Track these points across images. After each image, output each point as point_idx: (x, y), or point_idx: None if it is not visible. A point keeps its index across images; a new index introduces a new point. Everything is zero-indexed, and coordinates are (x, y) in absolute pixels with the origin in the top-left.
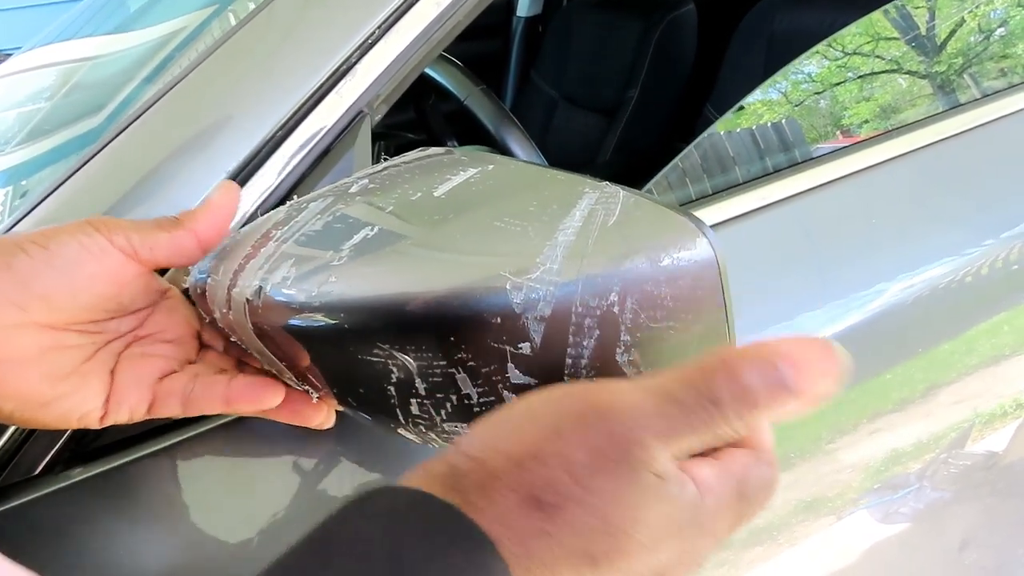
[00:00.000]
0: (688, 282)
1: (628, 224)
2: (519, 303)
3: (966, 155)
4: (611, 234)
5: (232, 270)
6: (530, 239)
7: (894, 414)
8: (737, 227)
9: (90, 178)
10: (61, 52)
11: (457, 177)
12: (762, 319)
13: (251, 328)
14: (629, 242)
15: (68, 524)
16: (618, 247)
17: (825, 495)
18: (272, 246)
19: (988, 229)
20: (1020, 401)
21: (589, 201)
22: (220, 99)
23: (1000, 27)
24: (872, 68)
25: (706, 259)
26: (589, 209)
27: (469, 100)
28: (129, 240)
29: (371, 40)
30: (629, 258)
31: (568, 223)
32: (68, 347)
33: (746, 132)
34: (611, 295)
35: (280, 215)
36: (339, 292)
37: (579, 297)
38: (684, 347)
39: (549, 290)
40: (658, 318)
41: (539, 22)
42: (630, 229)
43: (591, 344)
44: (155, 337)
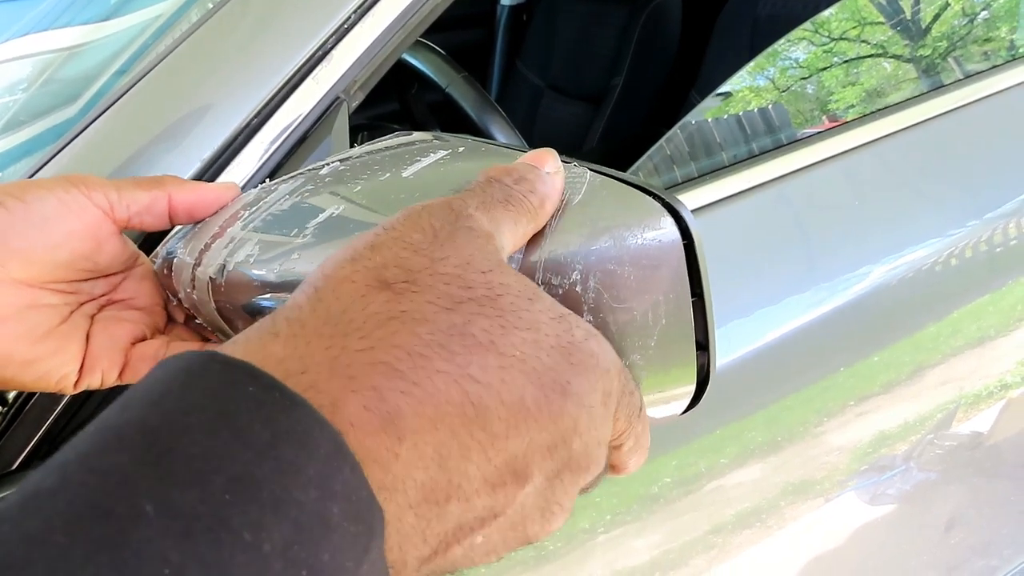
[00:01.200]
0: (652, 262)
1: (592, 204)
2: None
3: (950, 136)
4: (575, 213)
5: (198, 249)
6: None
7: (881, 396)
8: (723, 209)
9: (62, 169)
10: (37, 43)
11: (427, 159)
12: (749, 302)
13: (214, 307)
14: (593, 222)
15: None
16: (581, 227)
17: (813, 477)
18: (239, 225)
19: (972, 210)
20: (1005, 382)
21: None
22: (195, 87)
23: (983, 10)
24: (858, 53)
25: (671, 240)
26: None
27: (451, 88)
28: (107, 197)
29: (347, 25)
30: (592, 237)
31: None
32: (45, 306)
33: (732, 117)
34: (573, 274)
35: (250, 197)
36: (302, 271)
37: (541, 275)
38: (648, 328)
39: (511, 268)
40: (621, 298)
41: (523, 11)
42: (594, 209)
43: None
44: (127, 303)
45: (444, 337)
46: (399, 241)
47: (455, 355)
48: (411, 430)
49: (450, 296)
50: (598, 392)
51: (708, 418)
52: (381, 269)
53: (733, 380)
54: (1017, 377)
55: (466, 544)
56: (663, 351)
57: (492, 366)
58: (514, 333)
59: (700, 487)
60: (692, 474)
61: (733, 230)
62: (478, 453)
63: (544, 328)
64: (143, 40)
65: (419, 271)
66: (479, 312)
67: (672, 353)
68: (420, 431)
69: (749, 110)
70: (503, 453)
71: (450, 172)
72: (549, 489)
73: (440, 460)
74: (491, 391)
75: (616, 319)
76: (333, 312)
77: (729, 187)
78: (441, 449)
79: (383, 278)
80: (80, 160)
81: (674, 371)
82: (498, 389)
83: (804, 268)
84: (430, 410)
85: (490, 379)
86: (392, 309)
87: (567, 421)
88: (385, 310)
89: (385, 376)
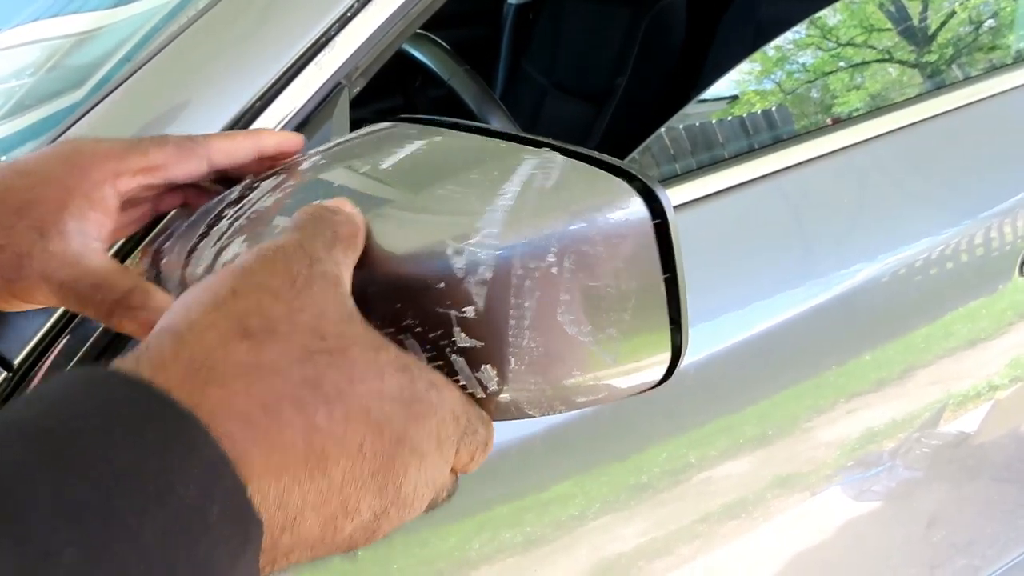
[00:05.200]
0: (623, 241)
1: (565, 187)
2: (461, 268)
3: (946, 137)
4: (548, 197)
5: (186, 250)
6: (471, 205)
7: (871, 394)
8: (719, 202)
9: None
10: (46, 29)
11: (403, 150)
12: (743, 295)
13: None
14: (566, 204)
15: None
16: (555, 210)
17: (800, 471)
18: (225, 223)
19: (966, 211)
20: (993, 383)
21: (529, 166)
22: (202, 68)
23: (990, 19)
24: (863, 58)
25: (639, 218)
26: (529, 174)
27: (453, 80)
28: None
29: (350, 13)
30: (565, 220)
31: (508, 188)
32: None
33: (736, 119)
34: (548, 256)
35: (234, 194)
36: None
37: (518, 259)
38: (621, 302)
39: (490, 253)
40: (596, 275)
41: (530, 9)
42: (567, 191)
43: (532, 305)
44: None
45: (297, 389)
46: (260, 288)
47: (305, 406)
48: (257, 475)
49: (305, 347)
50: (434, 439)
51: (700, 411)
52: (244, 317)
53: (725, 373)
54: (1005, 379)
55: (295, 560)
56: (637, 323)
57: (338, 417)
58: (360, 385)
59: (689, 478)
60: (681, 465)
61: (730, 222)
62: (315, 495)
63: (388, 380)
64: (151, 25)
65: (278, 320)
66: (330, 364)
67: (645, 325)
68: (265, 476)
69: (753, 112)
70: (338, 496)
71: (428, 163)
72: (375, 522)
73: (280, 502)
74: (333, 440)
75: (591, 295)
76: (196, 359)
77: (726, 180)
78: (283, 494)
79: (246, 326)
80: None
81: (648, 342)
82: (340, 438)
83: (799, 263)
84: (277, 458)
85: (334, 429)
86: (252, 360)
87: (399, 467)
88: (245, 360)
89: (239, 425)
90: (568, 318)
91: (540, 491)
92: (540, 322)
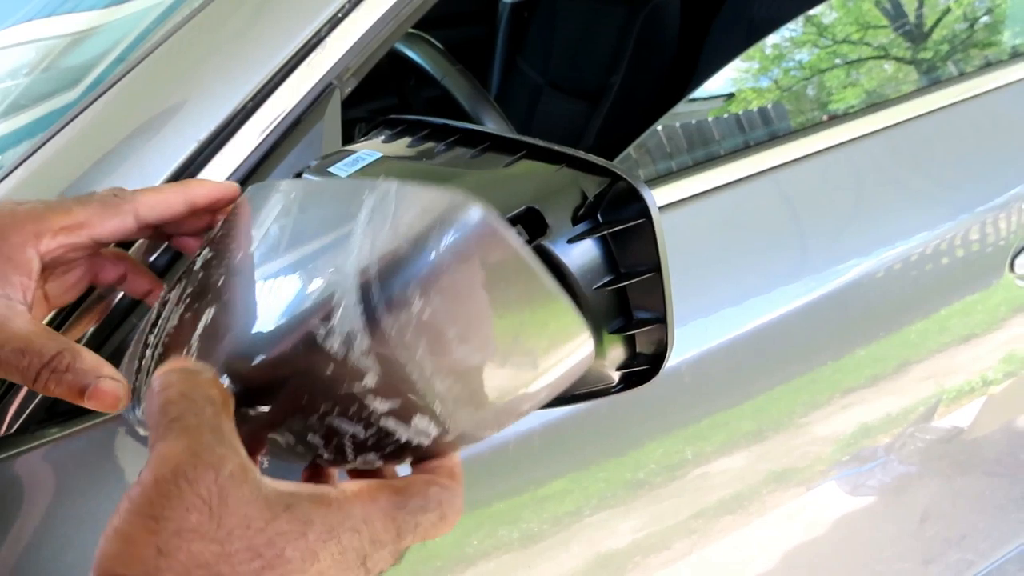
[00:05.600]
0: (476, 252)
1: (403, 221)
2: (338, 348)
3: (941, 132)
4: (390, 239)
5: (133, 372)
6: (325, 277)
7: (866, 389)
8: (715, 198)
9: (58, 149)
10: (40, 29)
11: (264, 226)
12: (738, 292)
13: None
14: (408, 240)
15: (43, 481)
16: (400, 250)
17: (795, 466)
18: (148, 355)
19: (961, 206)
20: (987, 378)
21: (368, 209)
22: (194, 69)
23: (985, 15)
24: (859, 55)
25: (479, 221)
26: (369, 218)
27: (446, 80)
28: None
29: (341, 14)
30: (414, 257)
31: (353, 243)
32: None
33: (732, 116)
34: (414, 302)
35: (152, 316)
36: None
37: (387, 317)
38: (513, 308)
39: (357, 322)
40: (469, 298)
41: (524, 8)
42: (406, 226)
43: (424, 351)
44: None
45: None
46: (182, 534)
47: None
48: None
49: (248, 573)
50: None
51: (695, 407)
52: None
53: (721, 369)
54: (999, 374)
55: None
56: (537, 317)
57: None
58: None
59: (685, 474)
60: (678, 460)
61: (725, 218)
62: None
63: (323, 557)
64: (145, 26)
65: (217, 564)
66: (270, 572)
67: (547, 315)
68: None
69: (750, 109)
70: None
71: (283, 236)
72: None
73: None
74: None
75: (476, 316)
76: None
77: (721, 177)
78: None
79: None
80: (77, 142)
81: (559, 329)
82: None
83: (794, 259)
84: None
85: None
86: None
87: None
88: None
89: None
90: (467, 349)
91: (537, 487)
92: (442, 363)
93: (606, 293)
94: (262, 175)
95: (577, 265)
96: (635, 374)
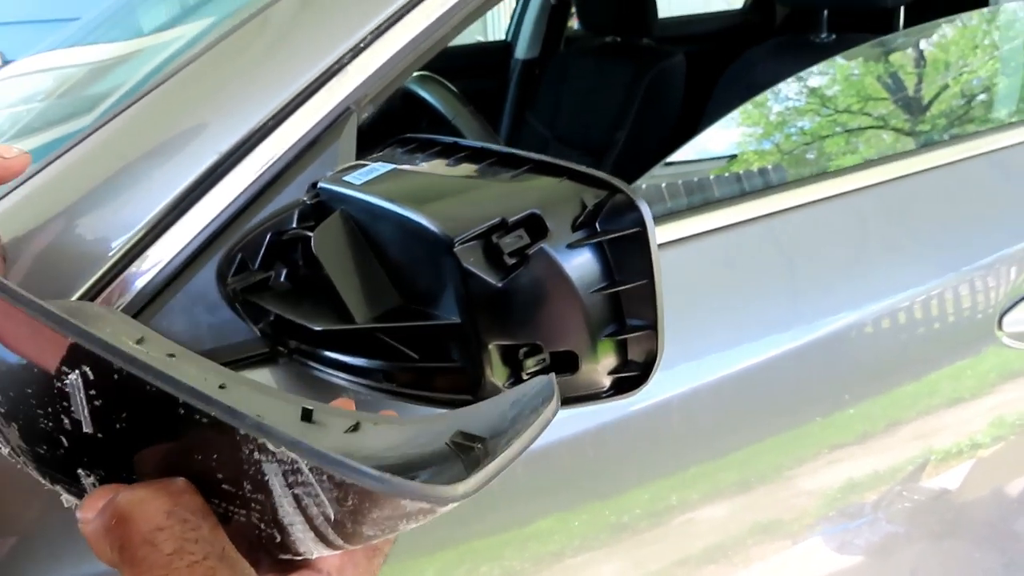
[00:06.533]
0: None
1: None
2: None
3: (931, 191)
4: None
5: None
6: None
7: (854, 446)
8: (711, 240)
9: (67, 167)
10: (60, 57)
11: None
12: (728, 337)
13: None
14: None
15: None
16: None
17: (782, 518)
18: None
19: (948, 264)
20: (976, 441)
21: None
22: (220, 89)
23: (982, 93)
24: (859, 124)
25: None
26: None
27: (457, 120)
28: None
29: (363, 44)
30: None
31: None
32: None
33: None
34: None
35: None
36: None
37: (289, 497)
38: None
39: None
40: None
41: (536, 65)
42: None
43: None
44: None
45: None
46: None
47: None
48: None
49: None
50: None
51: (682, 452)
52: None
53: (709, 414)
54: (988, 437)
55: None
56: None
57: None
58: None
59: (670, 520)
60: (663, 507)
61: (721, 262)
62: None
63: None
64: (166, 55)
65: None
66: None
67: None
68: None
69: (751, 169)
70: None
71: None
72: None
73: None
74: None
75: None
76: None
77: (718, 220)
78: None
79: None
80: (83, 165)
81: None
82: None
83: (785, 307)
84: None
85: None
86: None
87: None
88: None
89: None
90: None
91: (521, 526)
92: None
93: (601, 299)
94: (280, 187)
95: (575, 269)
96: (626, 380)
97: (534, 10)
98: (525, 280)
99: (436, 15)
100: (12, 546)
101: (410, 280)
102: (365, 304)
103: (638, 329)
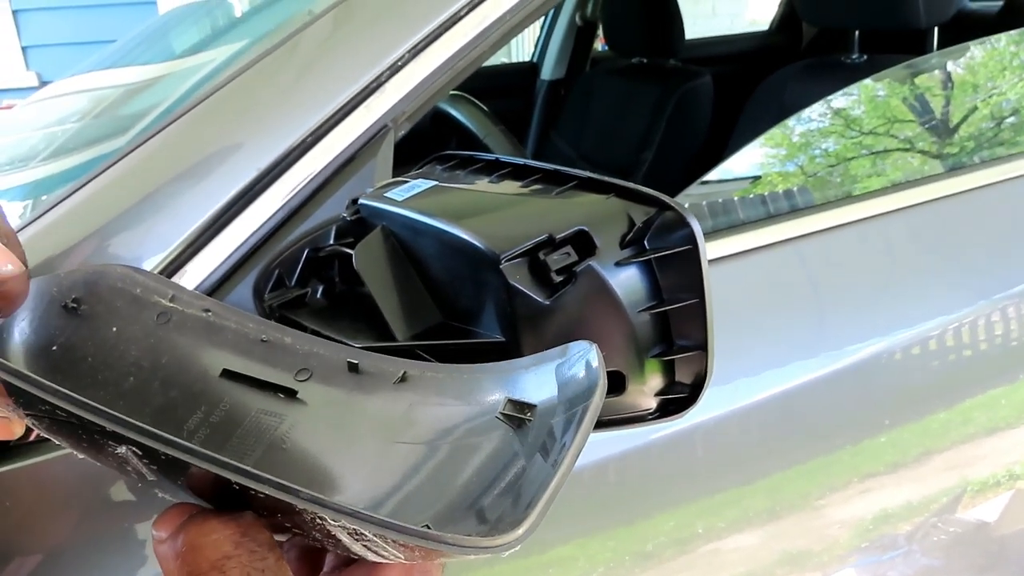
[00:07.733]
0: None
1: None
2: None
3: (963, 215)
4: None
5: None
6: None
7: (885, 476)
8: (739, 263)
9: (103, 187)
10: (96, 79)
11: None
12: (757, 362)
13: None
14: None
15: (73, 489)
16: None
17: (812, 549)
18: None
19: (981, 290)
20: (1014, 472)
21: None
22: (260, 107)
23: (1011, 116)
24: (885, 146)
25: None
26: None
27: (488, 139)
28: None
29: (400, 63)
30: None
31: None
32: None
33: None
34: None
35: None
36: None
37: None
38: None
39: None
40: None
41: (562, 86)
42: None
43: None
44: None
45: None
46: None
47: None
48: None
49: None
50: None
51: (709, 479)
52: None
53: (735, 441)
54: None
55: None
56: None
57: None
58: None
59: (696, 548)
60: (689, 535)
61: (748, 285)
62: None
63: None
64: (201, 76)
65: None
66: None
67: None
68: None
69: (775, 191)
70: None
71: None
72: None
73: None
74: None
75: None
76: None
77: (745, 242)
78: None
79: None
80: (117, 186)
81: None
82: None
83: (814, 332)
84: None
85: None
86: None
87: None
88: None
89: None
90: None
91: (542, 552)
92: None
93: (649, 318)
94: (316, 204)
95: (623, 288)
96: (672, 402)
97: (561, 31)
98: (572, 298)
99: (472, 35)
100: (39, 563)
101: (452, 297)
102: (406, 321)
103: (687, 349)
